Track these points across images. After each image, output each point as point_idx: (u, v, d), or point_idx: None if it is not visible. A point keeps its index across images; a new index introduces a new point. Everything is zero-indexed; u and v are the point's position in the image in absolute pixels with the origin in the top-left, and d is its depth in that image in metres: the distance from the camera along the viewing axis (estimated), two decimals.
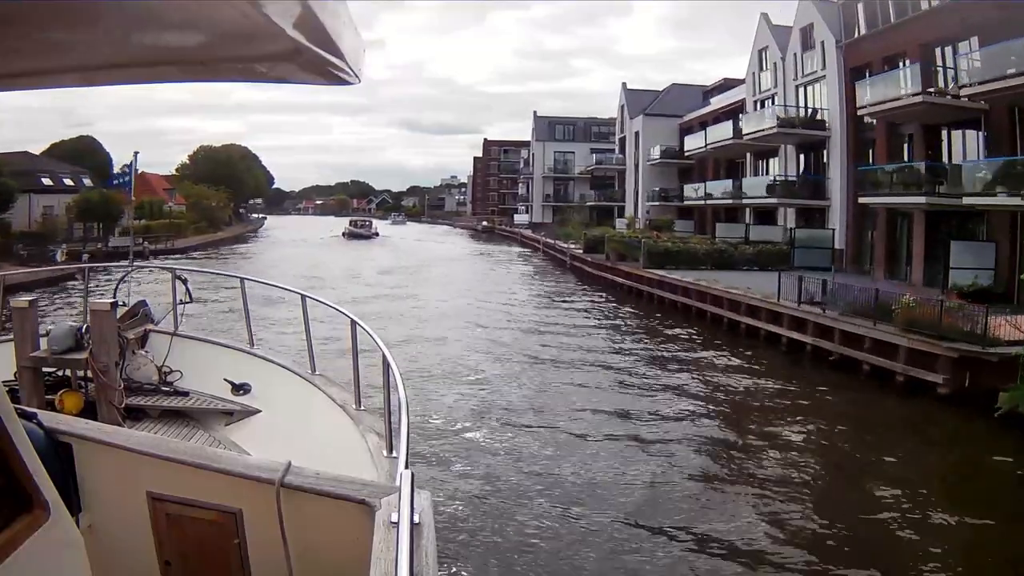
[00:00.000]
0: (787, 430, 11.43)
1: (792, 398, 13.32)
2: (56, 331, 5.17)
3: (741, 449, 10.61)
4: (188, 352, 5.96)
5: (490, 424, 11.37)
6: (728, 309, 19.68)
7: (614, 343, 18.68)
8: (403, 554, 1.66)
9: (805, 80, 30.12)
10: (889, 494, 8.78)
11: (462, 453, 10.01)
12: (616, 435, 11.00)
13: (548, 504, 8.36)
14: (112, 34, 1.27)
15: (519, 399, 12.97)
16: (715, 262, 25.88)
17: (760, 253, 26.34)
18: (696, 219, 41.50)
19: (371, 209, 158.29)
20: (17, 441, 1.99)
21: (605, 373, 15.11)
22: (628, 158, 52.40)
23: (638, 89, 53.24)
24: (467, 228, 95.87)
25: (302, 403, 5.05)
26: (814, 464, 10.04)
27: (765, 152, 33.30)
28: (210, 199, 66.54)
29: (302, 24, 1.16)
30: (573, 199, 66.58)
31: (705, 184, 36.78)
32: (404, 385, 3.10)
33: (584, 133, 70.62)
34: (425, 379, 13.87)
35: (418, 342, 17.40)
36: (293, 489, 2.39)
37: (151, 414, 5.30)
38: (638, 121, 49.72)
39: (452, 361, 15.80)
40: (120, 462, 2.57)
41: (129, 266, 7.93)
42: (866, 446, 10.84)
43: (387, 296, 26.15)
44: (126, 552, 2.58)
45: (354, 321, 4.38)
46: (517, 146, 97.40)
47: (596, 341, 18.68)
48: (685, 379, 14.80)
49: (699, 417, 12.14)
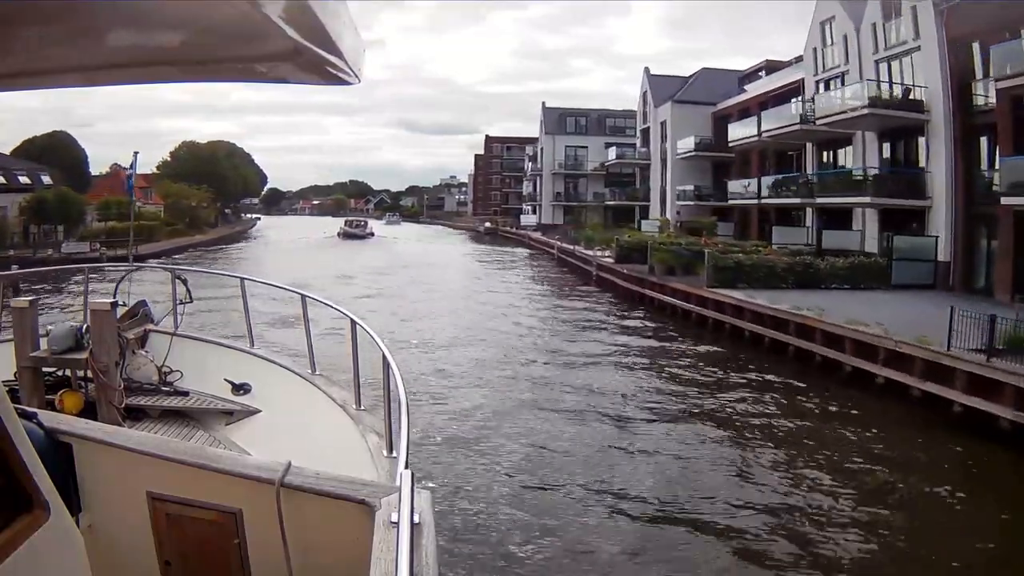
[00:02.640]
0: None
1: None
2: (56, 331, 5.14)
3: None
4: (188, 352, 5.89)
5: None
6: (861, 357, 13.57)
7: (701, 415, 12.01)
8: (403, 554, 1.65)
9: (889, 54, 24.72)
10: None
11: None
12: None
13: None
14: (112, 34, 1.28)
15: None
16: (797, 279, 20.40)
17: (854, 268, 20.79)
18: (736, 221, 36.22)
19: (368, 209, 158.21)
20: (17, 441, 1.98)
21: (715, 503, 8.43)
22: (653, 152, 46.85)
23: (663, 75, 47.43)
24: (468, 229, 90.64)
25: (302, 403, 5.03)
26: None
27: (832, 141, 27.90)
28: (190, 198, 61.29)
29: (302, 24, 1.16)
30: (586, 198, 60.73)
31: (759, 180, 31.26)
32: (404, 385, 3.10)
33: (597, 126, 63.82)
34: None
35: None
36: (293, 489, 2.38)
37: (151, 414, 5.26)
38: (665, 109, 44.14)
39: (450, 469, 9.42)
40: (120, 462, 2.56)
41: (129, 266, 7.55)
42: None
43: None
44: (126, 552, 2.58)
45: (354, 321, 4.37)
46: (521, 143, 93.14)
47: (669, 404, 12.59)
48: (868, 512, 8.17)
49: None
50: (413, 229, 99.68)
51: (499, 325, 20.38)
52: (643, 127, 49.46)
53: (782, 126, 27.79)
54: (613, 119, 63.53)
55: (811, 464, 9.76)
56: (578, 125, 64.09)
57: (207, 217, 64.86)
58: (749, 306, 17.37)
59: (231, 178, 76.71)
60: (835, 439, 10.81)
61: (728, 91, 40.71)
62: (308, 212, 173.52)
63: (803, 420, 11.74)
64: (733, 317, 18.00)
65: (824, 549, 7.32)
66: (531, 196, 74.83)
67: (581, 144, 63.42)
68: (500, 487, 8.79)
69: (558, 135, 64.27)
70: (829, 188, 26.14)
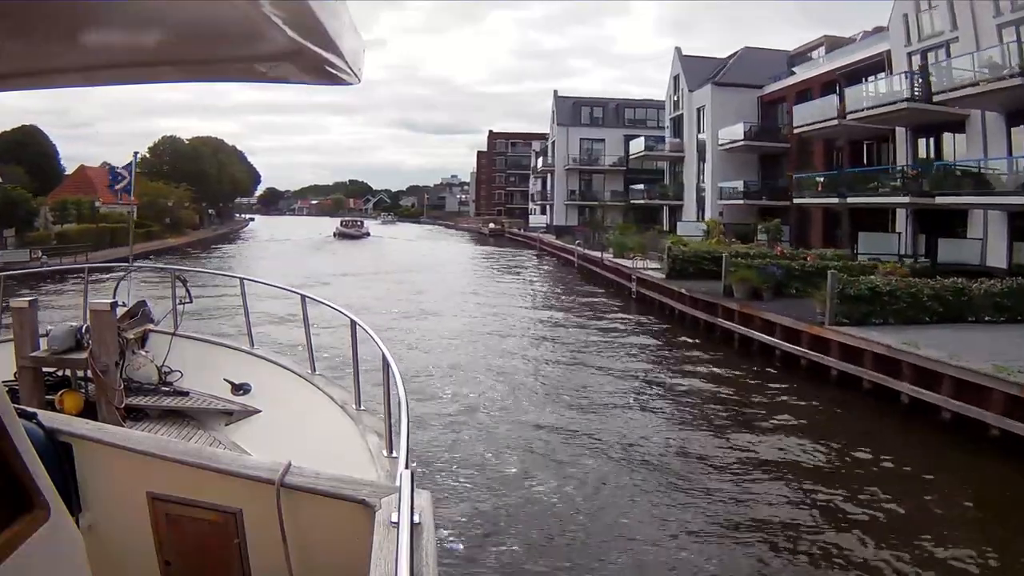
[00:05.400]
0: None
1: None
2: (56, 331, 5.13)
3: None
4: (188, 352, 5.88)
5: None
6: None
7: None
8: (403, 554, 1.65)
9: (1018, 16, 19.03)
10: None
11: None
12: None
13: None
14: (112, 34, 1.27)
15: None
16: (943, 310, 14.49)
17: (1017, 293, 14.78)
18: (793, 224, 30.53)
19: (367, 209, 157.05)
20: (17, 441, 1.96)
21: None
22: (687, 143, 41.11)
23: (696, 56, 41.58)
24: (470, 230, 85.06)
25: (302, 403, 5.00)
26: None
27: (936, 126, 22.22)
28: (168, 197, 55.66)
29: (302, 24, 1.15)
30: (603, 196, 54.59)
31: (839, 172, 25.29)
32: (404, 385, 3.05)
33: (615, 117, 56.82)
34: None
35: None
36: (293, 489, 2.38)
37: (151, 414, 5.24)
38: (703, 94, 38.06)
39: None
40: (120, 462, 2.55)
41: (129, 266, 7.48)
42: None
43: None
44: (126, 552, 2.56)
45: (354, 321, 4.30)
46: (526, 138, 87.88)
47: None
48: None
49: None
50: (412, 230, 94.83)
51: (516, 380, 13.46)
52: (673, 115, 43.22)
53: (883, 104, 21.51)
54: (632, 109, 57.03)
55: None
56: (593, 116, 57.66)
57: (188, 218, 59.28)
58: (918, 362, 11.40)
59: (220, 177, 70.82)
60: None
61: (776, 72, 35.02)
62: (306, 212, 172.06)
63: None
64: (884, 374, 11.97)
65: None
66: (540, 195, 68.91)
67: (598, 137, 57.05)
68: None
69: (572, 127, 57.30)
70: (940, 184, 20.36)
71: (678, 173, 43.05)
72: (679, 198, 41.63)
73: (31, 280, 20.55)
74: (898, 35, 24.45)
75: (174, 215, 55.24)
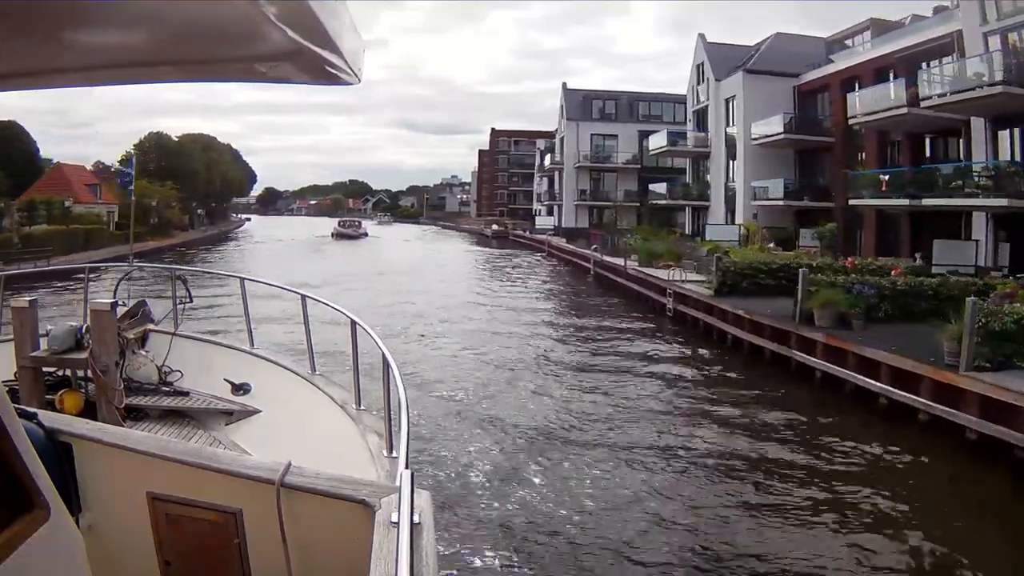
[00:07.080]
0: None
1: None
2: (56, 331, 5.11)
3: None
4: (188, 352, 5.85)
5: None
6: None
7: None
8: (403, 554, 1.64)
9: None
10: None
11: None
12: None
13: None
14: (112, 34, 1.26)
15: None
16: None
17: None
18: (839, 229, 27.22)
19: (366, 209, 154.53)
20: (17, 441, 1.95)
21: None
22: (714, 137, 37.50)
23: (721, 43, 38.08)
24: (471, 232, 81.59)
25: (302, 403, 4.96)
26: None
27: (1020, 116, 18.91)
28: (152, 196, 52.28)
29: (302, 24, 1.14)
30: (615, 196, 51.01)
31: (918, 169, 21.56)
32: (404, 385, 3.03)
33: (628, 112, 53.17)
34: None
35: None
36: (293, 489, 2.36)
37: (151, 414, 5.21)
38: (733, 82, 34.36)
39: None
40: (120, 462, 2.54)
41: (129, 266, 7.49)
42: None
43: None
44: (126, 552, 2.55)
45: (354, 321, 4.28)
46: (530, 136, 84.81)
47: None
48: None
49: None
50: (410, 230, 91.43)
51: (539, 427, 10.46)
52: (696, 107, 39.49)
53: (964, 89, 18.25)
54: (647, 103, 53.38)
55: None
56: (605, 110, 54.07)
57: (175, 218, 55.98)
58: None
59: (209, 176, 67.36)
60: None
61: (814, 59, 31.72)
62: (305, 212, 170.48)
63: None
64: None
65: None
66: (546, 194, 65.40)
67: (610, 132, 53.53)
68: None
69: (582, 121, 53.44)
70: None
71: (702, 171, 39.65)
72: (704, 198, 38.07)
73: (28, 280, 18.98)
74: (973, 13, 21.09)
75: (160, 215, 52.00)
